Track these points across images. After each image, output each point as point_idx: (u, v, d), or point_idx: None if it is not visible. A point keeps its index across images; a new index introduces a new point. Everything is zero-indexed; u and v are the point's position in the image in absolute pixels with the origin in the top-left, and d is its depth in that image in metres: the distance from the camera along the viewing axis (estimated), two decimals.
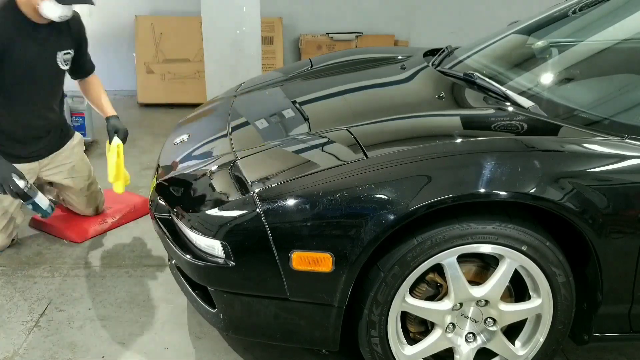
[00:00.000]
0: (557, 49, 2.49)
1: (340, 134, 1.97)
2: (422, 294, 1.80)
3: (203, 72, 4.13)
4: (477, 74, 2.27)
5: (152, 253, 2.81)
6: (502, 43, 2.70)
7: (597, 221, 1.68)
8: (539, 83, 2.29)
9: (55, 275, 2.62)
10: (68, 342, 2.18)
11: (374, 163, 1.76)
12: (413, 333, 1.89)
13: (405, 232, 1.69)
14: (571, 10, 2.63)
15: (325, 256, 1.67)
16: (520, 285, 1.83)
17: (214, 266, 1.77)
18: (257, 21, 3.98)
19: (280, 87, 2.79)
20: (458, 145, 1.81)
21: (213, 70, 4.05)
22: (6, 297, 2.45)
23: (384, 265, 1.70)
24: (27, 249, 2.83)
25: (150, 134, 4.55)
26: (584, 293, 1.84)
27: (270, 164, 1.95)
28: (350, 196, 1.66)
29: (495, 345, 1.87)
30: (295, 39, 5.80)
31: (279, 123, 2.31)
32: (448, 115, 2.17)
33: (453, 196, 1.63)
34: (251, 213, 1.71)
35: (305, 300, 1.75)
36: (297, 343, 1.90)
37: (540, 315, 1.83)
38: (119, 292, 2.49)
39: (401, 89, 2.65)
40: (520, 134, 1.92)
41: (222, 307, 1.84)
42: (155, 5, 5.52)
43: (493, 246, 1.72)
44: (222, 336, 2.21)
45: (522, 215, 1.73)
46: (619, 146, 1.77)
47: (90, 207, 3.01)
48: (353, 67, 2.91)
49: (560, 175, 1.68)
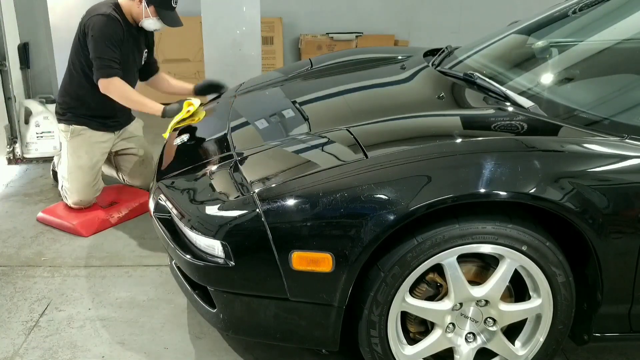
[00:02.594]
0: (557, 49, 2.49)
1: (340, 134, 1.97)
2: (422, 294, 1.80)
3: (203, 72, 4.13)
4: (477, 74, 2.27)
5: (152, 253, 2.81)
6: (502, 43, 2.70)
7: (597, 221, 1.68)
8: (539, 83, 2.29)
9: (55, 275, 2.62)
10: (68, 342, 2.18)
11: (374, 163, 1.76)
12: (413, 333, 1.88)
13: (405, 232, 1.68)
14: (571, 10, 2.63)
15: (325, 256, 1.67)
16: (520, 285, 1.83)
17: (214, 266, 1.77)
18: (257, 21, 3.98)
19: (280, 87, 2.79)
20: (458, 145, 1.81)
21: (213, 70, 4.04)
22: (6, 297, 2.45)
23: (384, 265, 1.70)
24: (27, 249, 2.84)
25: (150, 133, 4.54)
26: (584, 293, 1.84)
27: (270, 164, 1.95)
28: (350, 196, 1.66)
29: (495, 345, 1.87)
30: (295, 39, 5.80)
31: (279, 123, 2.31)
32: (448, 115, 2.17)
33: (453, 196, 1.63)
34: (251, 213, 1.71)
35: (305, 300, 1.75)
36: (297, 343, 1.90)
37: (540, 315, 1.83)
38: (119, 292, 2.49)
39: (401, 89, 2.65)
40: (520, 134, 1.92)
41: (222, 307, 1.84)
42: None
43: (493, 246, 1.72)
44: (222, 336, 2.21)
45: (522, 215, 1.73)
46: (619, 146, 1.77)
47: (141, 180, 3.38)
48: (353, 67, 2.91)
49: (560, 175, 1.68)
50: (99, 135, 3.09)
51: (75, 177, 3.06)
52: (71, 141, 3.06)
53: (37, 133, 3.92)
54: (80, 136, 3.05)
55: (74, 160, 3.07)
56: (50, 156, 3.86)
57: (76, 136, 3.05)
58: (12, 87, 3.82)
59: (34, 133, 3.92)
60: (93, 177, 3.10)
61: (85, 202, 3.09)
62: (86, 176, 3.06)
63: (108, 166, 3.41)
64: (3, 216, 3.18)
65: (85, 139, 3.05)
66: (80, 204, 3.09)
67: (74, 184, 3.06)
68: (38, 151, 3.95)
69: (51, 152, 3.93)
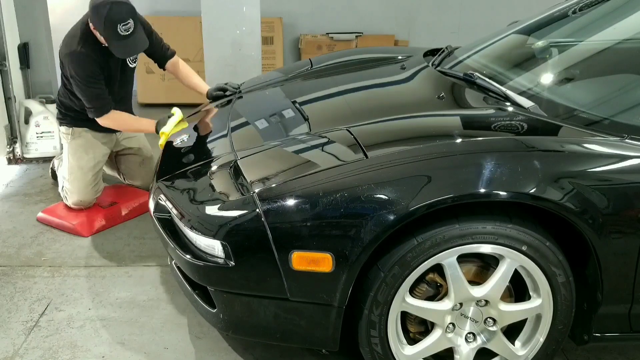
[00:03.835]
0: (557, 49, 2.49)
1: (340, 134, 1.97)
2: (422, 294, 1.80)
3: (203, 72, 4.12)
4: (477, 74, 2.27)
5: (152, 253, 2.81)
6: (502, 43, 2.70)
7: (597, 221, 1.68)
8: (539, 83, 2.29)
9: (55, 275, 2.62)
10: (68, 342, 2.18)
11: (374, 163, 1.76)
12: (413, 333, 1.88)
13: (405, 232, 1.68)
14: (571, 10, 2.63)
15: (325, 256, 1.67)
16: (520, 285, 1.83)
17: (214, 266, 1.77)
18: (257, 21, 3.98)
19: (280, 87, 2.79)
20: (458, 145, 1.81)
21: (213, 70, 4.04)
22: (6, 297, 2.45)
23: (384, 265, 1.70)
24: (27, 249, 2.84)
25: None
26: (584, 293, 1.84)
27: (270, 164, 1.95)
28: (350, 196, 1.66)
29: (495, 345, 1.87)
30: (295, 39, 5.80)
31: (279, 123, 2.31)
32: (448, 115, 2.17)
33: (453, 196, 1.63)
34: (251, 213, 1.71)
35: (305, 300, 1.75)
36: (297, 343, 1.90)
37: (540, 315, 1.83)
38: (119, 292, 2.50)
39: (401, 89, 2.65)
40: (520, 134, 1.92)
41: (222, 307, 1.84)
42: (155, 5, 5.52)
43: (493, 246, 1.72)
44: (222, 336, 2.21)
45: (522, 215, 1.73)
46: (619, 146, 1.77)
47: (141, 179, 3.36)
48: (353, 67, 2.91)
49: (560, 175, 1.68)
50: (100, 137, 3.09)
51: (76, 178, 3.06)
52: (72, 142, 3.07)
53: (37, 133, 3.92)
54: (81, 137, 3.05)
55: (75, 161, 3.07)
56: (51, 156, 3.86)
57: (77, 137, 3.05)
58: (12, 87, 3.82)
59: (34, 133, 3.92)
60: (94, 177, 3.10)
61: (85, 203, 3.09)
62: (87, 177, 3.07)
63: (109, 166, 3.42)
64: (3, 216, 3.18)
65: (87, 140, 3.06)
66: (81, 205, 3.09)
67: (75, 184, 3.06)
68: (38, 151, 3.96)
69: (51, 152, 3.94)
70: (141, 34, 2.77)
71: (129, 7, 2.68)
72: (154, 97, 5.34)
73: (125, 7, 2.66)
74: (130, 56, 2.90)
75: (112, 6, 2.62)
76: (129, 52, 2.79)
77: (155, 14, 5.46)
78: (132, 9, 2.69)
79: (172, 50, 3.15)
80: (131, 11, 2.68)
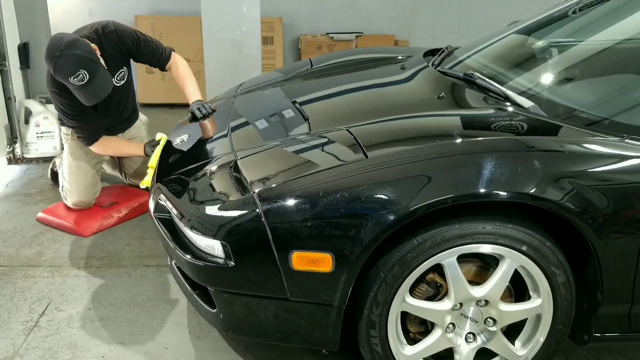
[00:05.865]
0: (557, 49, 2.49)
1: (340, 134, 1.97)
2: (422, 294, 1.80)
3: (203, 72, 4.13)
4: (477, 74, 2.27)
5: (152, 253, 2.81)
6: (502, 43, 2.70)
7: (597, 221, 1.68)
8: (539, 83, 2.29)
9: (55, 275, 2.62)
10: (68, 342, 2.18)
11: (374, 163, 1.76)
12: (413, 333, 1.89)
13: (405, 232, 1.68)
14: (571, 10, 2.63)
15: (325, 256, 1.67)
16: (520, 285, 1.83)
17: (214, 266, 1.77)
18: (257, 21, 3.98)
19: (280, 87, 2.79)
20: (458, 145, 1.81)
21: (213, 70, 4.04)
22: (6, 297, 2.45)
23: (384, 265, 1.70)
24: (27, 249, 2.84)
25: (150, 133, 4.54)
26: (584, 293, 1.84)
27: (270, 164, 1.95)
28: (350, 196, 1.66)
29: (495, 345, 1.87)
30: (295, 39, 5.80)
31: (279, 123, 2.31)
32: (448, 115, 2.17)
33: (453, 196, 1.63)
34: (251, 213, 1.71)
35: (305, 301, 1.75)
36: (297, 343, 1.90)
37: (540, 315, 1.83)
38: (119, 292, 2.49)
39: (401, 89, 2.65)
40: (520, 134, 1.92)
41: (222, 307, 1.84)
42: (155, 5, 5.52)
43: (493, 246, 1.72)
44: (222, 336, 2.21)
45: (522, 215, 1.73)
46: (619, 146, 1.77)
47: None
48: (353, 67, 2.91)
49: (560, 175, 1.68)
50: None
51: (75, 178, 3.06)
52: (72, 142, 3.07)
53: (37, 133, 3.93)
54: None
55: (74, 161, 3.08)
56: (51, 156, 3.86)
57: (77, 138, 3.05)
58: (12, 87, 3.82)
59: (34, 133, 3.92)
60: (93, 178, 3.11)
61: (84, 203, 3.10)
62: (86, 177, 3.07)
63: (111, 165, 3.43)
64: (3, 216, 3.18)
65: None
66: (80, 205, 3.09)
67: (74, 184, 3.06)
68: (38, 151, 3.96)
69: (51, 152, 3.94)
70: (101, 78, 2.59)
71: (77, 58, 2.51)
72: (154, 97, 5.34)
73: (72, 59, 2.50)
74: (93, 103, 2.69)
75: (57, 60, 2.51)
76: (90, 100, 2.64)
77: (155, 14, 5.46)
78: (81, 59, 2.52)
79: (167, 51, 3.01)
80: (79, 62, 2.51)
